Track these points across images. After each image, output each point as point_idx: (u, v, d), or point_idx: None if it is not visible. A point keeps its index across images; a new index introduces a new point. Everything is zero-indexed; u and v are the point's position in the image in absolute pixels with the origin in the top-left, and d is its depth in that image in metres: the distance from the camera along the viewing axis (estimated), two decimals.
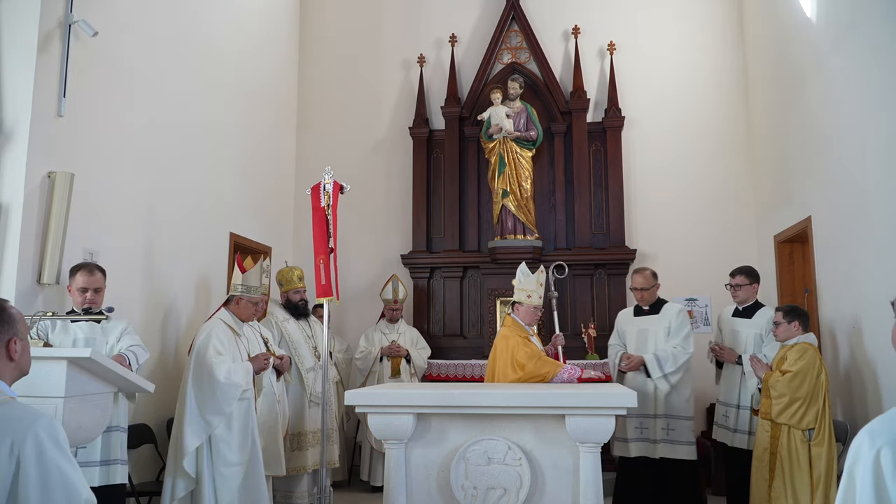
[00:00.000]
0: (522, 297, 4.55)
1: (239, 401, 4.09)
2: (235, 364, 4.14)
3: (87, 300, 3.69)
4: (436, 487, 3.46)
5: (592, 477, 3.36)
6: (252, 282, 4.42)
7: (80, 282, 3.69)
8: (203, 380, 4.04)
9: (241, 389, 4.07)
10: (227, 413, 4.03)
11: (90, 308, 3.72)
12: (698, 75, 7.22)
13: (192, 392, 4.03)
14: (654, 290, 4.97)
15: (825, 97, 5.05)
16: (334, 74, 7.75)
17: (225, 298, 4.67)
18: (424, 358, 6.39)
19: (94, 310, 3.69)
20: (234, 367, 4.11)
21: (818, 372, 4.08)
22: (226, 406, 4.02)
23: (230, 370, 4.07)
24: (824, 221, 5.10)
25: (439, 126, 7.36)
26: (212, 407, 4.00)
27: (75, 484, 1.72)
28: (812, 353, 4.14)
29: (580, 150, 7.05)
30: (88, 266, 3.77)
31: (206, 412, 3.99)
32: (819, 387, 4.04)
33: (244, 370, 4.15)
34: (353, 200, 6.20)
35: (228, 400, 4.03)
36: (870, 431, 1.34)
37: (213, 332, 4.21)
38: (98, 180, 4.22)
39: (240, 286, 4.41)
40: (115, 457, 3.58)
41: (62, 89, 3.90)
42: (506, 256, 6.76)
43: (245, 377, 4.14)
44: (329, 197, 4.73)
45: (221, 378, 4.02)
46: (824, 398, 4.05)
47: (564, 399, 3.40)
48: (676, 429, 4.64)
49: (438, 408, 3.47)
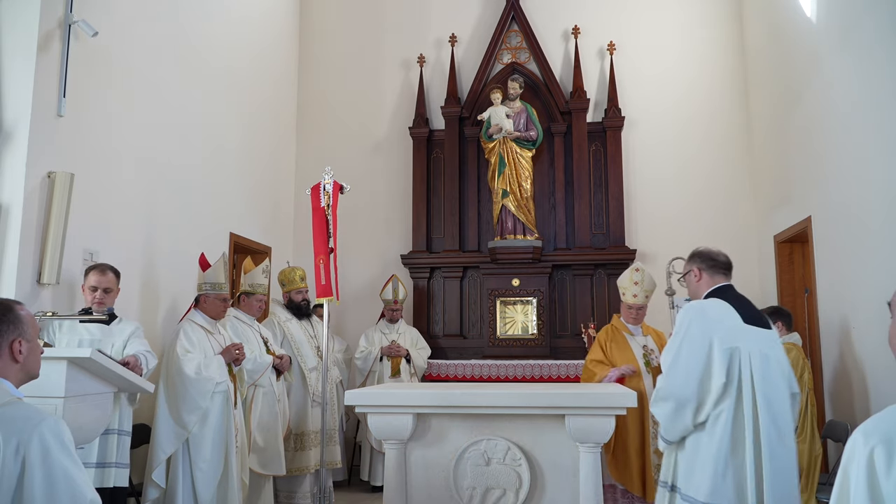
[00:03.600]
0: (622, 295, 4.66)
1: (214, 394, 4.03)
2: (207, 359, 4.09)
3: (96, 300, 3.70)
4: (436, 487, 3.46)
5: (592, 477, 3.35)
6: (217, 278, 4.39)
7: (92, 280, 3.72)
8: (174, 379, 4.00)
9: (214, 382, 4.01)
10: (203, 407, 3.97)
11: (90, 309, 3.73)
12: (698, 75, 7.22)
13: (164, 397, 4.00)
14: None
15: (825, 98, 5.04)
16: (334, 74, 7.75)
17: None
18: (424, 358, 6.39)
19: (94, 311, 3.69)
20: (205, 361, 4.07)
21: (801, 371, 4.21)
22: (200, 401, 3.97)
23: (200, 364, 4.02)
24: (824, 222, 5.10)
25: (439, 126, 7.36)
26: (187, 405, 3.96)
27: (80, 484, 1.73)
28: (796, 353, 4.29)
29: (580, 150, 7.05)
30: (102, 266, 3.79)
31: (182, 411, 3.95)
32: (802, 385, 4.12)
33: (216, 363, 4.10)
34: (353, 200, 6.20)
35: (203, 394, 3.97)
36: (864, 430, 1.35)
37: (180, 332, 4.17)
38: (98, 180, 4.21)
39: (205, 284, 4.39)
40: (111, 459, 3.56)
41: (62, 89, 3.89)
42: (506, 256, 6.77)
43: (218, 370, 4.08)
44: (329, 197, 4.73)
45: (191, 373, 3.97)
46: (807, 396, 4.19)
47: (564, 399, 3.40)
48: None
49: (438, 408, 3.46)
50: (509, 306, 6.85)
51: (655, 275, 5.04)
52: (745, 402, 2.57)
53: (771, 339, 2.75)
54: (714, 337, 2.65)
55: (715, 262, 2.98)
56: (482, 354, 6.74)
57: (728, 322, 2.69)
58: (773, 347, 2.73)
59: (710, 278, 2.95)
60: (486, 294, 6.91)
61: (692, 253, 3.10)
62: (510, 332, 6.80)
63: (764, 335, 2.73)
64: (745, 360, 2.62)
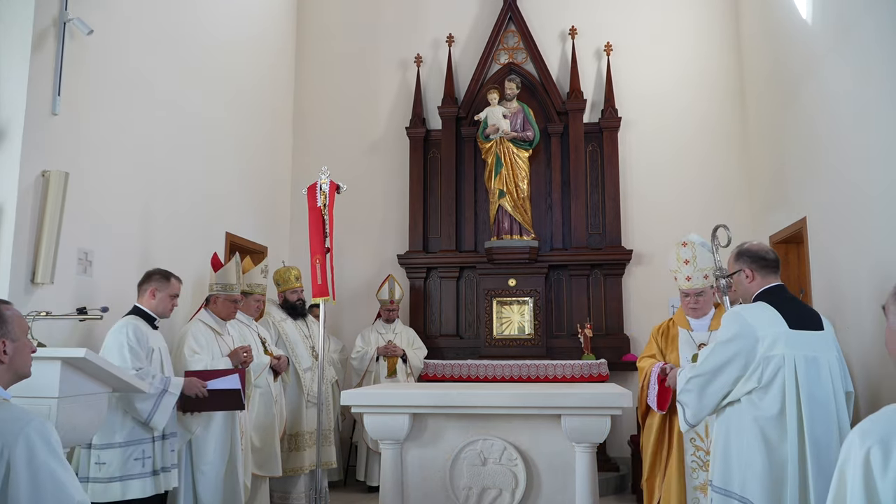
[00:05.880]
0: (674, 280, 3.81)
1: None
2: (214, 361, 4.08)
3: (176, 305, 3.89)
4: (432, 487, 3.46)
5: (588, 477, 3.37)
6: (229, 279, 4.38)
7: (175, 289, 3.85)
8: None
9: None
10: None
11: (85, 308, 3.75)
12: (695, 76, 7.23)
13: None
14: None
15: (821, 99, 5.05)
16: (331, 74, 7.73)
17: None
18: (421, 358, 6.38)
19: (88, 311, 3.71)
20: (213, 363, 4.06)
21: None
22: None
23: (206, 366, 4.01)
24: (820, 222, 5.11)
25: (436, 126, 7.35)
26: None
27: (66, 486, 1.71)
28: None
29: (577, 151, 7.05)
30: (175, 275, 3.90)
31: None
32: None
33: (223, 366, 4.09)
34: (349, 200, 6.18)
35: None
36: (860, 431, 1.35)
37: (188, 333, 4.17)
38: (93, 179, 4.18)
39: (216, 285, 4.38)
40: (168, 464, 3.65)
41: (57, 88, 3.87)
42: (502, 257, 6.76)
43: None
44: (325, 196, 4.71)
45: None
46: None
47: (560, 399, 3.40)
48: None
49: (435, 408, 3.48)
50: (506, 306, 6.85)
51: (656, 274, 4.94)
52: (790, 406, 2.54)
53: (821, 341, 2.68)
54: (756, 345, 2.61)
55: (766, 262, 2.86)
56: (478, 354, 6.74)
57: (772, 329, 2.62)
58: (822, 349, 2.66)
59: (762, 279, 2.85)
60: (483, 294, 6.90)
61: (739, 251, 2.92)
62: (506, 333, 6.79)
63: (812, 338, 2.66)
64: (790, 367, 2.57)
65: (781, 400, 2.56)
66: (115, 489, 3.40)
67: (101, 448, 3.45)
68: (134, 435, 3.49)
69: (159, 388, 3.52)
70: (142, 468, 3.46)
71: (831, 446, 2.51)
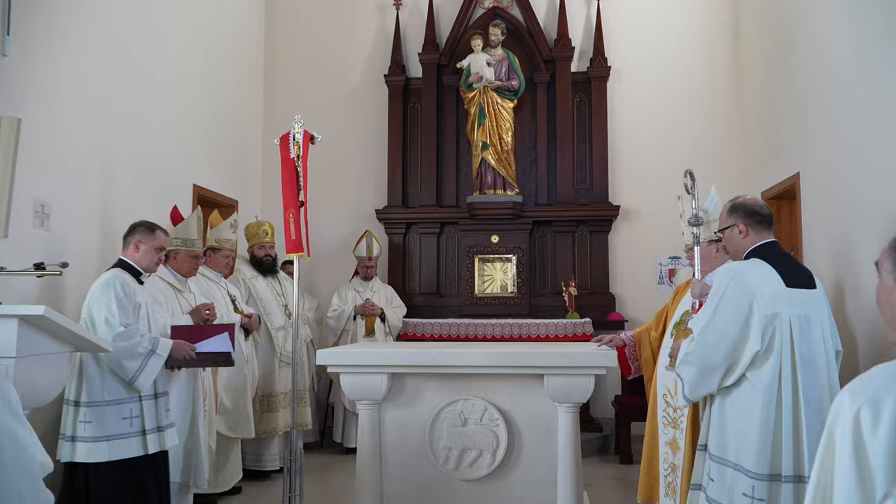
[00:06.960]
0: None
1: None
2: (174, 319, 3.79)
3: (162, 260, 3.71)
4: (411, 449, 3.45)
5: (571, 438, 3.36)
6: (190, 234, 4.18)
7: (161, 241, 3.63)
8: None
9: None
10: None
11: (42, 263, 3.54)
12: (688, 26, 6.99)
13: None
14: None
15: (816, 50, 4.91)
16: (305, 17, 7.39)
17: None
18: (400, 317, 6.27)
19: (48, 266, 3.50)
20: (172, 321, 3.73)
21: None
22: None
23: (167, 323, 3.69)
24: (813, 178, 5.01)
25: (416, 74, 7.09)
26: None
27: (27, 446, 1.63)
28: None
29: (564, 102, 6.83)
30: (161, 227, 3.70)
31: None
32: None
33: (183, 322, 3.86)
34: (325, 152, 5.92)
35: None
36: (850, 390, 1.32)
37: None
38: (49, 127, 3.95)
39: (176, 239, 4.14)
40: (163, 423, 3.51)
41: (5, 26, 3.59)
42: (485, 212, 6.61)
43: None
44: (299, 147, 4.48)
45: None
46: None
47: (543, 359, 3.37)
48: None
49: (413, 367, 3.42)
50: (488, 264, 6.72)
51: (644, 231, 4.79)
52: (784, 368, 2.51)
53: (814, 300, 2.64)
54: (754, 303, 2.53)
55: (761, 217, 2.78)
56: (459, 313, 6.63)
57: (770, 287, 2.55)
58: (815, 308, 2.63)
59: (755, 235, 2.77)
60: (464, 251, 6.76)
61: (733, 205, 2.81)
62: (489, 291, 6.68)
63: (807, 297, 2.62)
64: (786, 326, 2.53)
65: (778, 363, 2.52)
66: (102, 449, 3.27)
67: (87, 406, 3.31)
68: (121, 393, 3.34)
69: (148, 347, 3.34)
70: (129, 427, 3.34)
71: (824, 408, 2.47)
